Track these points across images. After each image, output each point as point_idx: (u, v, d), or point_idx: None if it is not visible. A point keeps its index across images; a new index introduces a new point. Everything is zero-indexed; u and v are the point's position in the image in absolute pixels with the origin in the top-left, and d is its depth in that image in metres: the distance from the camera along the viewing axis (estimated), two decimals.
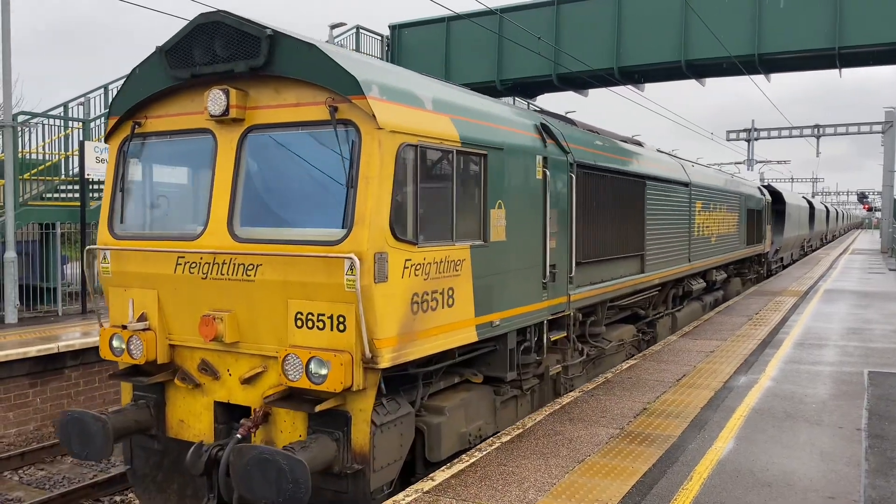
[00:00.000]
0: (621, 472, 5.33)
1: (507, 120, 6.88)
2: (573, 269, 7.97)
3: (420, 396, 5.89)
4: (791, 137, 42.00)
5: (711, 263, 14.75)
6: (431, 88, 5.94)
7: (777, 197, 25.26)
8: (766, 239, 21.77)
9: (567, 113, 21.17)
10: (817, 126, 41.14)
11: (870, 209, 67.32)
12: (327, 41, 16.97)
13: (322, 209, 5.35)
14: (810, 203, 37.55)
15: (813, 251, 39.98)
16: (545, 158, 7.32)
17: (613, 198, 9.33)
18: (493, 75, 21.65)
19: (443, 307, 5.62)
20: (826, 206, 54.12)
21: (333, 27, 20.06)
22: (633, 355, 10.28)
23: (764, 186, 24.70)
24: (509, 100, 22.44)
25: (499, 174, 6.41)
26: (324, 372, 4.95)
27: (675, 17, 19.34)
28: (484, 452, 5.78)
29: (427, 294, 5.44)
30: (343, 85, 5.02)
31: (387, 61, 18.59)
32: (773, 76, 20.84)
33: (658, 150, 13.13)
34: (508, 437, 6.16)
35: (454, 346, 5.88)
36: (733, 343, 10.63)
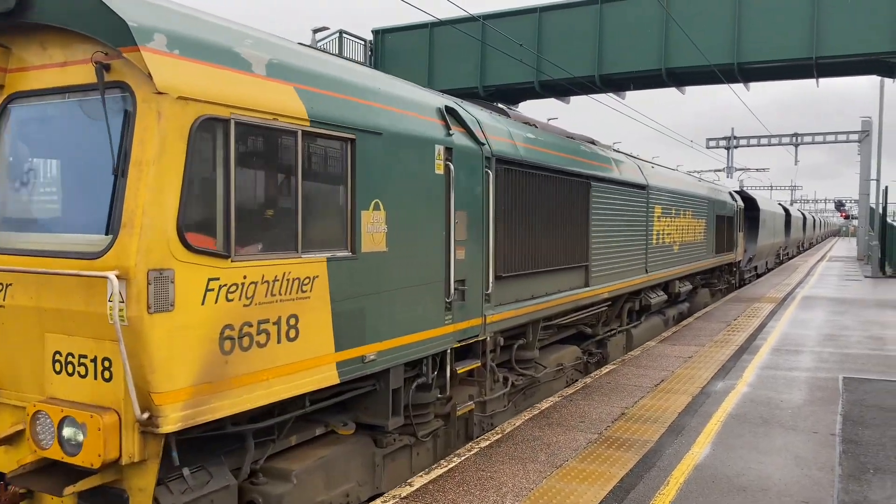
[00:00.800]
0: (599, 477, 5.35)
1: (390, 98, 5.47)
2: (490, 284, 6.66)
3: (253, 460, 4.60)
4: (770, 145, 42.56)
5: (674, 274, 13.48)
6: (268, 47, 4.49)
7: (751, 203, 24.25)
8: (738, 247, 20.66)
9: (549, 120, 21.25)
10: (796, 134, 41.71)
11: (847, 217, 68.24)
12: (309, 45, 16.92)
13: (85, 208, 4.05)
14: (786, 210, 36.76)
15: (789, 259, 39.14)
16: (448, 149, 5.99)
17: (549, 200, 8.03)
18: (476, 81, 21.75)
19: (279, 342, 4.26)
20: (803, 214, 52.48)
21: (316, 31, 20.05)
22: (576, 381, 9.19)
23: (736, 192, 23.28)
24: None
25: (375, 166, 5.09)
26: (80, 438, 3.65)
27: (655, 26, 19.53)
28: (462, 458, 5.78)
29: (250, 325, 4.06)
30: (113, 33, 3.66)
31: (370, 67, 18.60)
32: (752, 85, 21.10)
33: (615, 150, 11.84)
34: (487, 443, 6.16)
35: (301, 393, 4.50)
36: (711, 349, 10.72)
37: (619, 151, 12.17)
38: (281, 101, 4.31)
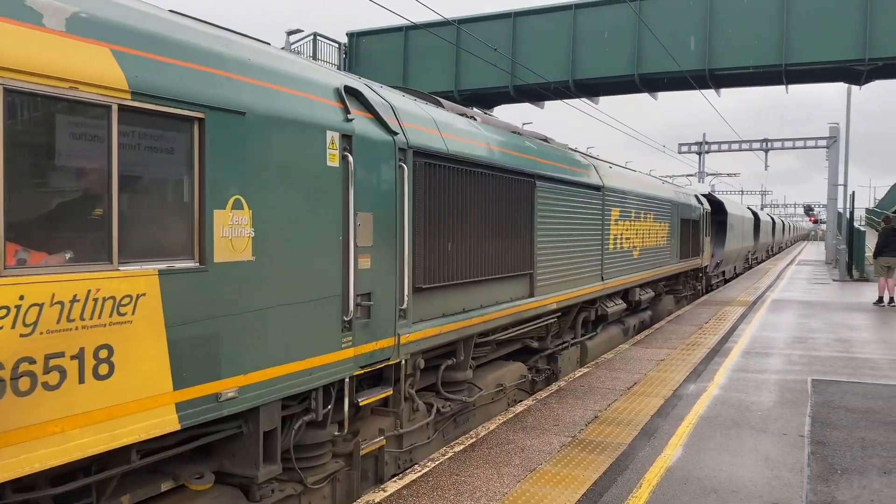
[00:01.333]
0: (572, 480, 5.37)
1: (263, 71, 4.42)
2: (407, 298, 5.71)
3: None
4: (741, 151, 43.15)
5: (634, 281, 12.71)
6: None
7: (718, 206, 23.66)
8: (705, 252, 20.06)
9: (524, 125, 21.34)
10: (766, 140, 42.38)
11: (816, 221, 69.49)
12: (283, 47, 16.87)
13: None
14: (755, 214, 36.54)
15: (759, 263, 38.80)
16: (346, 137, 5.02)
17: (486, 201, 7.09)
18: (451, 85, 21.81)
19: (82, 381, 3.28)
20: (772, 218, 51.83)
21: (290, 33, 19.96)
22: (521, 400, 8.46)
23: (704, 195, 22.43)
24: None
25: (236, 154, 4.08)
26: None
27: (628, 32, 19.76)
28: (437, 462, 5.76)
29: (32, 362, 3.09)
30: None
31: (345, 70, 18.56)
32: (724, 91, 21.41)
33: (572, 149, 11.03)
34: (461, 447, 6.16)
35: (120, 445, 3.49)
36: (683, 351, 10.83)
37: (577, 151, 11.35)
38: (87, 65, 3.32)
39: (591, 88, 21.64)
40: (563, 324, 10.04)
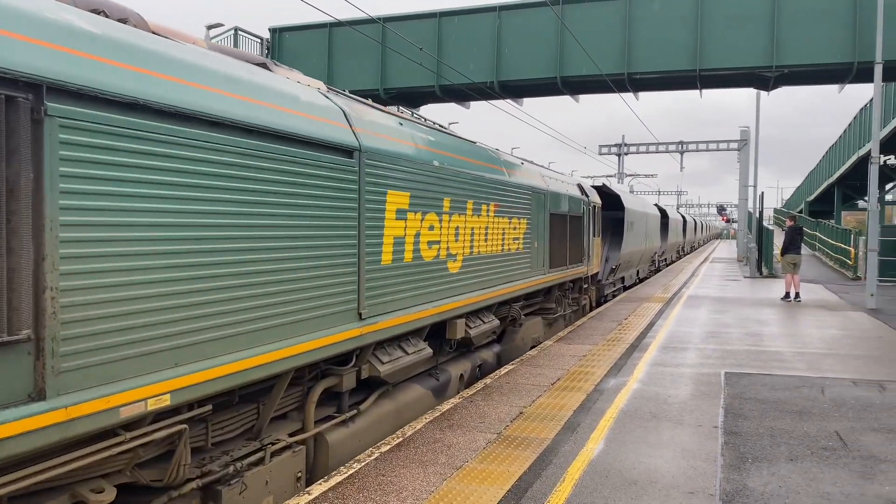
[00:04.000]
0: (498, 476, 5.43)
1: None
2: None
3: None
4: (658, 153, 44.70)
5: (453, 309, 8.01)
6: None
7: (615, 202, 20.07)
8: (592, 256, 16.11)
9: (450, 125, 21.39)
10: (681, 142, 44.06)
11: (728, 220, 72.51)
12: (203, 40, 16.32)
13: None
14: (663, 211, 32.97)
15: (668, 265, 35.64)
16: None
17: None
18: (377, 83, 21.68)
19: None
20: (683, 216, 47.14)
21: (210, 27, 19.42)
22: None
23: (596, 187, 18.93)
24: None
25: None
26: None
27: (551, 36, 20.12)
28: (363, 463, 5.72)
29: None
30: None
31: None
32: (642, 94, 22.07)
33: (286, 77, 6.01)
34: (388, 447, 6.13)
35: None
36: (604, 347, 11.11)
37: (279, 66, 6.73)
38: None
39: (516, 90, 21.93)
40: (238, 419, 5.19)
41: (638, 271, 24.96)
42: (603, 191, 19.86)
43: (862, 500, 4.99)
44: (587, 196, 15.67)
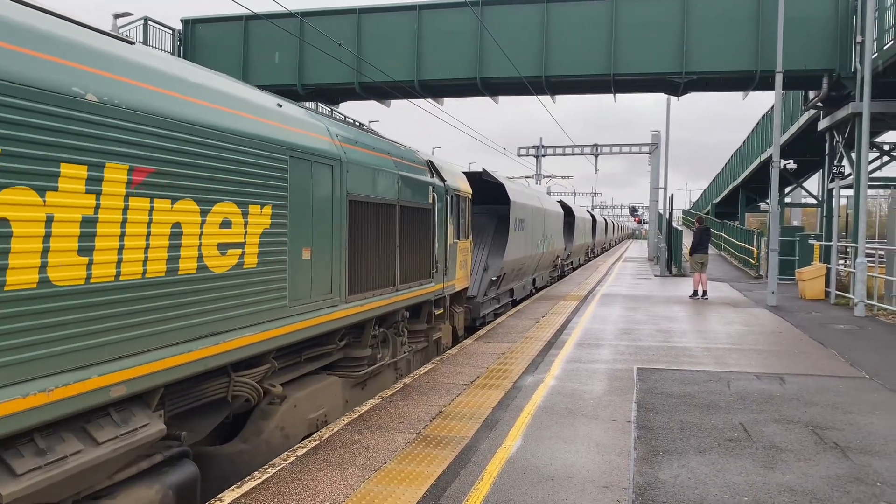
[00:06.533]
0: (416, 477, 5.38)
1: None
2: None
3: None
4: (574, 155, 45.75)
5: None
6: None
7: (497, 193, 15.74)
8: (453, 267, 11.74)
9: (370, 122, 21.17)
10: (596, 145, 45.29)
11: (639, 221, 75.02)
12: (111, 31, 15.60)
13: None
14: (567, 207, 29.51)
15: (574, 269, 31.44)
16: None
17: None
18: (295, 79, 21.28)
19: None
20: (593, 215, 45.15)
21: (118, 16, 18.58)
22: None
23: (469, 173, 14.74)
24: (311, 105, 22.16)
25: None
26: None
27: (471, 37, 20.26)
28: (278, 468, 5.56)
29: None
30: None
31: (179, 57, 17.51)
32: (559, 98, 22.52)
33: None
34: (304, 451, 5.99)
35: None
36: (523, 344, 11.24)
37: None
38: None
39: (436, 90, 21.97)
40: None
41: (535, 279, 21.23)
42: (483, 179, 15.52)
43: (765, 489, 5.21)
44: (442, 180, 11.03)
